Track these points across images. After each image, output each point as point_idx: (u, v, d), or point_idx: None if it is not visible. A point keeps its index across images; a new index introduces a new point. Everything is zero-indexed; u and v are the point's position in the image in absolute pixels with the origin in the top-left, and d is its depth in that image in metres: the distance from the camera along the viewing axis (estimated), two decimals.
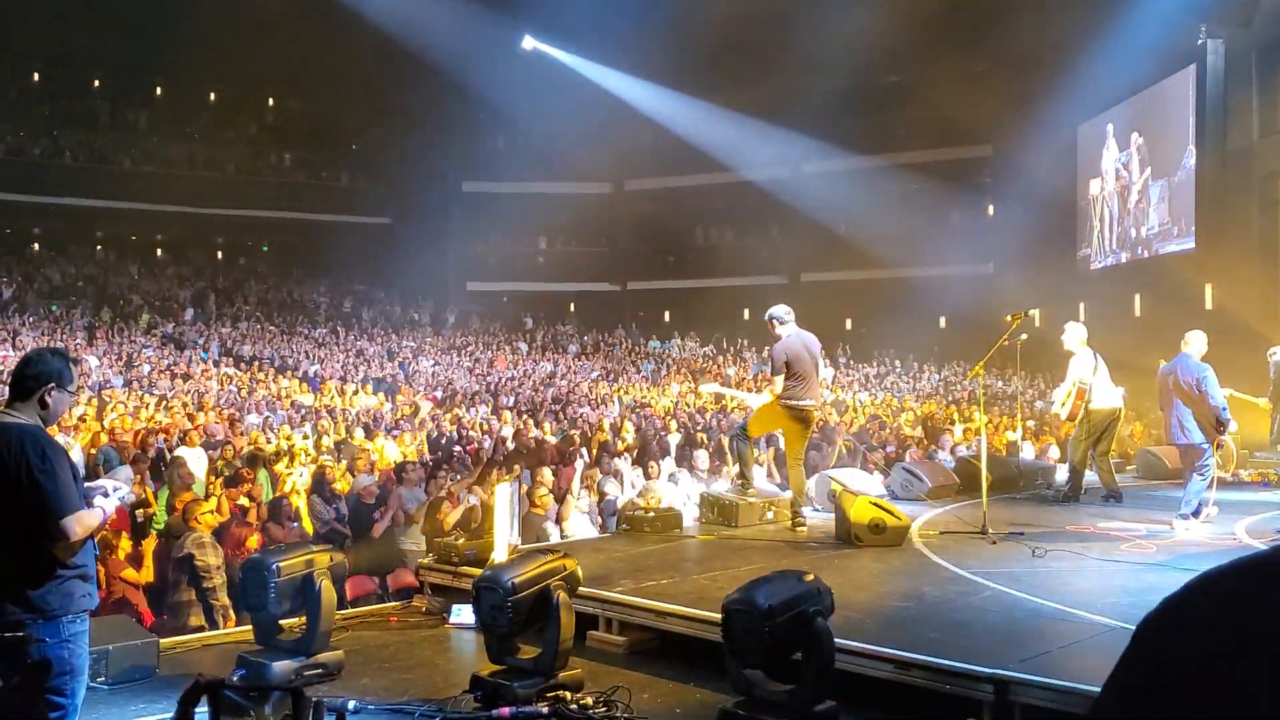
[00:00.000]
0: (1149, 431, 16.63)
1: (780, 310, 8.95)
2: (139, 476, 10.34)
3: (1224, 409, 8.64)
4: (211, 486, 10.16)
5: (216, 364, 23.28)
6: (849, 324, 31.29)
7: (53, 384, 4.04)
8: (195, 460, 11.53)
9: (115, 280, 31.30)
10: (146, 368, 21.64)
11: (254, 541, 8.19)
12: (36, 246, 33.51)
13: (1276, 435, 12.07)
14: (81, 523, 3.94)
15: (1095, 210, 25.75)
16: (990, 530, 8.25)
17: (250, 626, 5.98)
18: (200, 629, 7.37)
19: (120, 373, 20.97)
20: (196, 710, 3.37)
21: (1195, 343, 8.94)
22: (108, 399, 17.56)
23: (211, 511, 7.88)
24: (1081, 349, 10.34)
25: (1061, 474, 11.70)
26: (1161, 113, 22.26)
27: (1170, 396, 8.75)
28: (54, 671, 3.91)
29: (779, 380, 8.71)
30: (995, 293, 24.51)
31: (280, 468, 11.85)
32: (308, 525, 9.54)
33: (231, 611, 7.58)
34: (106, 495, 4.12)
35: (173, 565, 7.77)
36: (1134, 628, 1.05)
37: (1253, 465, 13.37)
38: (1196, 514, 8.64)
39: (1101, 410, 10.31)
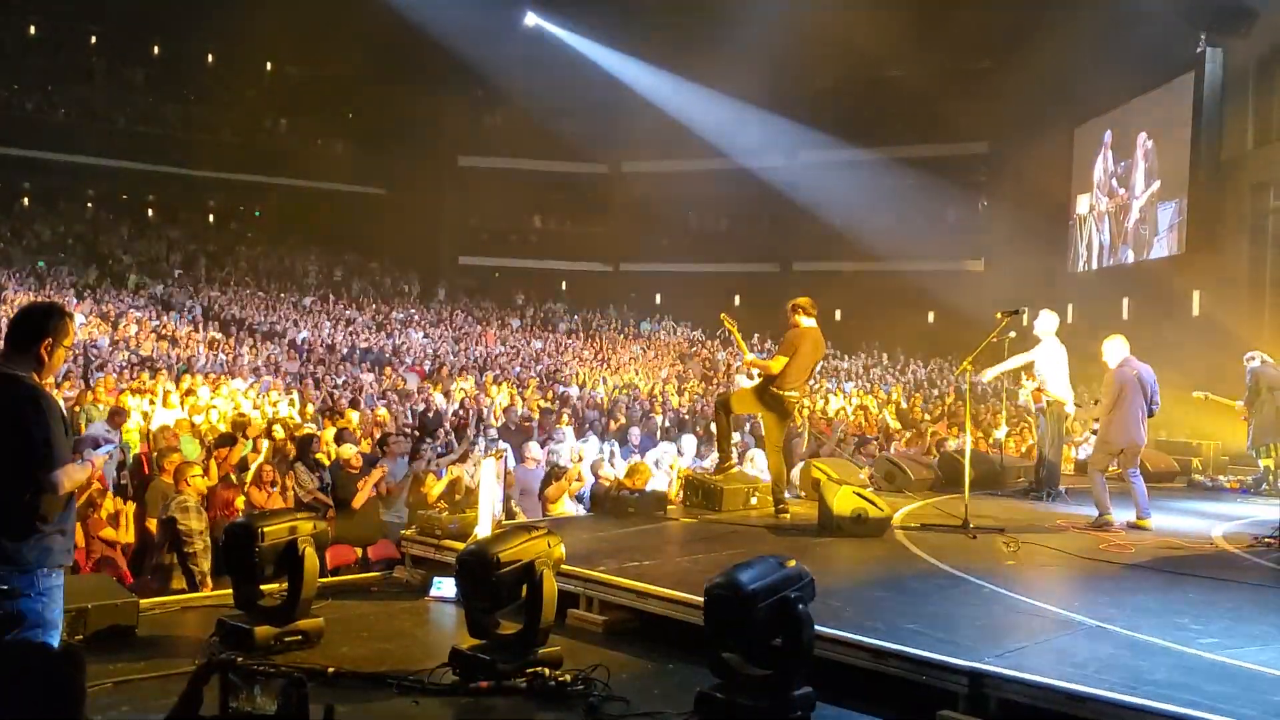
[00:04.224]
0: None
1: (806, 302, 9.00)
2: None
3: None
4: (205, 453, 10.13)
5: (203, 328, 23.19)
6: (838, 315, 31.32)
7: (50, 339, 4.06)
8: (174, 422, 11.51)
9: (105, 239, 31.11)
10: (133, 328, 21.54)
11: (240, 503, 8.20)
12: (26, 201, 33.24)
13: (1252, 441, 12.13)
14: (69, 476, 3.96)
15: (1082, 233, 25.64)
16: (971, 525, 8.30)
17: (231, 590, 5.98)
18: (181, 592, 7.37)
19: (106, 332, 20.87)
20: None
21: (1123, 345, 9.13)
22: (94, 357, 17.49)
23: (200, 475, 7.87)
24: (1049, 338, 10.43)
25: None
26: (1162, 121, 22.16)
27: (1135, 396, 8.87)
28: (26, 624, 3.93)
29: (780, 361, 8.72)
30: (985, 290, 24.53)
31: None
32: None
33: (209, 578, 7.57)
34: (97, 447, 4.14)
35: (158, 527, 7.77)
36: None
37: (1230, 472, 13.48)
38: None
39: (1059, 401, 10.43)
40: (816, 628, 4.71)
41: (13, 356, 4.07)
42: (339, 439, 11.32)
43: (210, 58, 35.12)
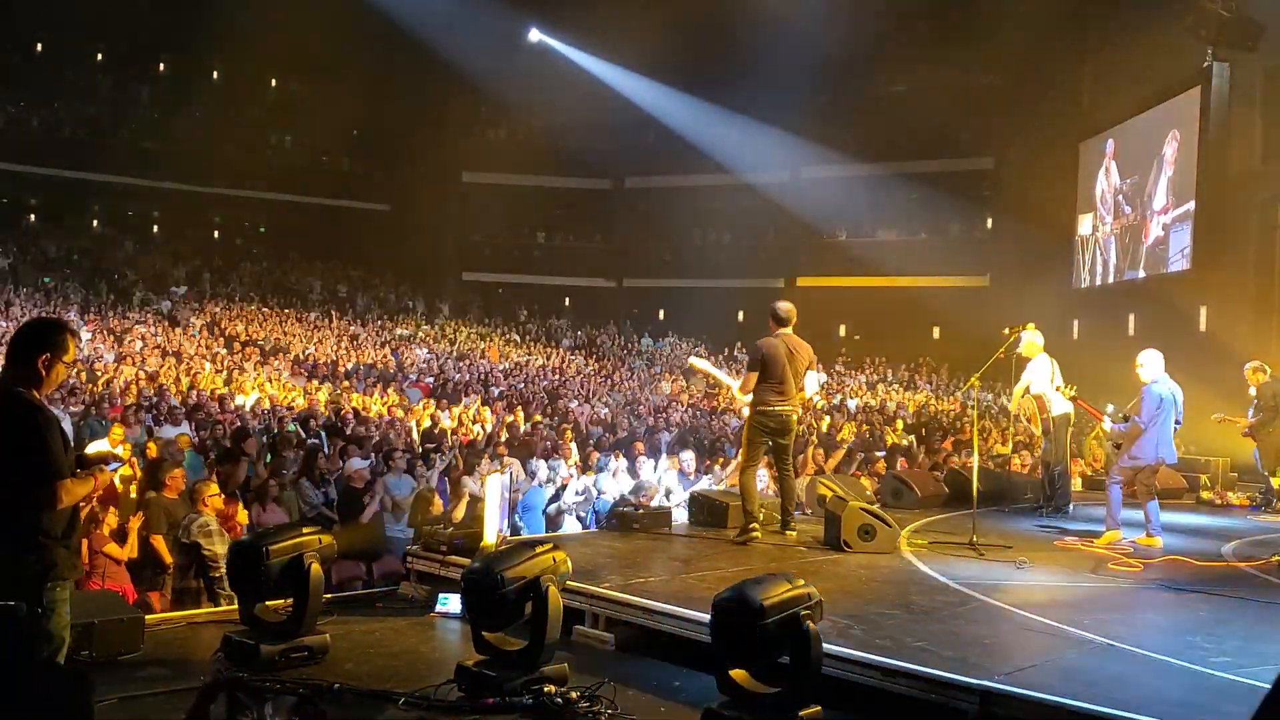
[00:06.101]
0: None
1: (782, 308, 8.60)
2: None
3: None
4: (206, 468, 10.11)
5: (208, 343, 23.20)
6: (843, 330, 31.33)
7: (49, 353, 4.06)
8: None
9: (110, 255, 31.18)
10: (138, 344, 21.57)
11: (242, 516, 8.16)
12: (32, 218, 33.37)
13: (1267, 462, 12.02)
14: (69, 490, 3.94)
15: (1085, 255, 25.49)
16: (979, 542, 8.25)
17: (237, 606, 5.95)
18: None
19: (112, 347, 20.89)
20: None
21: (1159, 361, 8.98)
22: (99, 373, 17.51)
23: (218, 495, 7.85)
24: (1039, 354, 10.38)
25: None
26: (1169, 136, 22.07)
27: (1169, 413, 8.77)
28: (32, 639, 3.90)
29: (751, 378, 8.37)
30: (990, 306, 24.49)
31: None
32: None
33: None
34: (101, 464, 4.12)
35: (179, 551, 7.75)
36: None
37: (1239, 488, 13.40)
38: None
39: (1060, 416, 10.38)
40: (825, 646, 4.68)
41: (13, 370, 4.09)
42: (345, 454, 11.32)
43: (215, 74, 35.24)
